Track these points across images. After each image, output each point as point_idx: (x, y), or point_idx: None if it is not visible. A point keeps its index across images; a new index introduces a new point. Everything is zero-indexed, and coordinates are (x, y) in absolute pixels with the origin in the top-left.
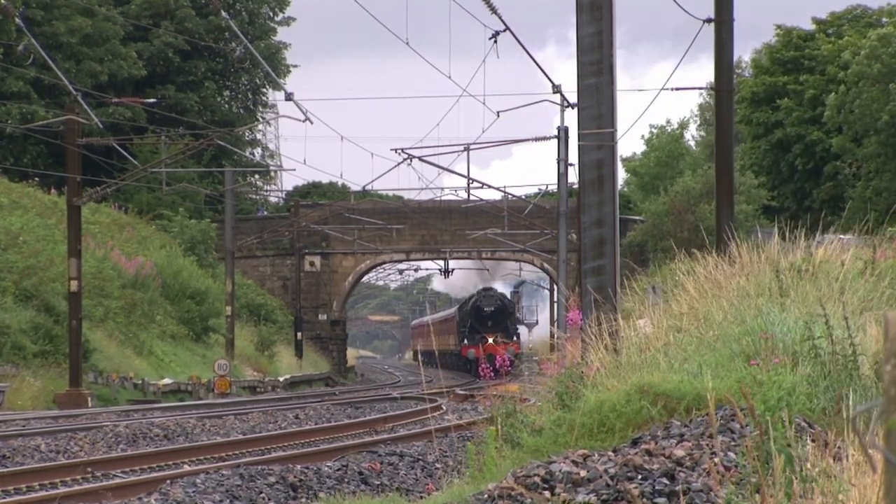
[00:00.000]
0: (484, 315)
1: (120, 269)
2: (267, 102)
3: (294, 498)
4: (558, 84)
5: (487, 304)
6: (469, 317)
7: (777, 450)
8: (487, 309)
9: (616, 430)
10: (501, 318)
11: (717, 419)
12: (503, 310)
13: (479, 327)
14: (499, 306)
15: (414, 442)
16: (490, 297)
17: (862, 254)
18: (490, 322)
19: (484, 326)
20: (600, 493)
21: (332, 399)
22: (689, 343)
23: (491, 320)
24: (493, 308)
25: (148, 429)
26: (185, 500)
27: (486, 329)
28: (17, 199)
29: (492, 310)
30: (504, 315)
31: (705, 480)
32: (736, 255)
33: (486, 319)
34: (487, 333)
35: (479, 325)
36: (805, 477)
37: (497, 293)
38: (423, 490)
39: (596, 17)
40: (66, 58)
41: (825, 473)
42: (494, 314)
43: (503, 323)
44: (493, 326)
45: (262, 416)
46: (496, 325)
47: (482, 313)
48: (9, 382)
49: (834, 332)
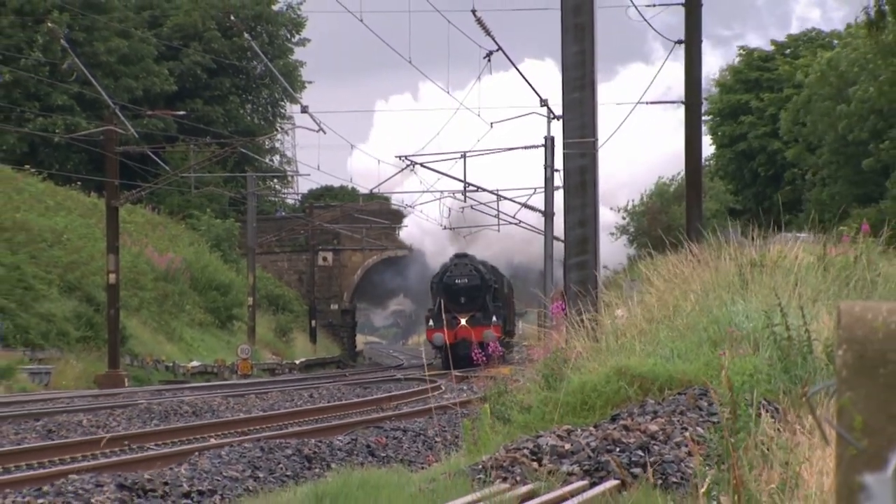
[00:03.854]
0: (455, 289)
1: (153, 263)
2: (284, 114)
3: (309, 468)
4: (545, 98)
5: (460, 275)
6: (437, 292)
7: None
8: (460, 282)
9: (597, 408)
10: (478, 294)
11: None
12: (480, 283)
13: (450, 305)
14: (474, 278)
15: (416, 418)
16: (464, 267)
17: (815, 250)
18: (463, 298)
19: (455, 304)
20: (583, 464)
21: (342, 380)
22: (661, 331)
23: (465, 296)
24: (468, 281)
25: (178, 406)
26: (211, 470)
27: (458, 307)
28: (62, 202)
29: (465, 283)
30: (482, 290)
31: (676, 452)
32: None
33: (459, 295)
34: (460, 313)
35: (450, 302)
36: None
37: (473, 262)
38: (424, 462)
39: (579, 38)
40: (105, 75)
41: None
42: (469, 289)
43: (480, 299)
44: (468, 304)
45: (280, 395)
46: (471, 302)
47: (453, 288)
48: (54, 365)
49: (790, 320)
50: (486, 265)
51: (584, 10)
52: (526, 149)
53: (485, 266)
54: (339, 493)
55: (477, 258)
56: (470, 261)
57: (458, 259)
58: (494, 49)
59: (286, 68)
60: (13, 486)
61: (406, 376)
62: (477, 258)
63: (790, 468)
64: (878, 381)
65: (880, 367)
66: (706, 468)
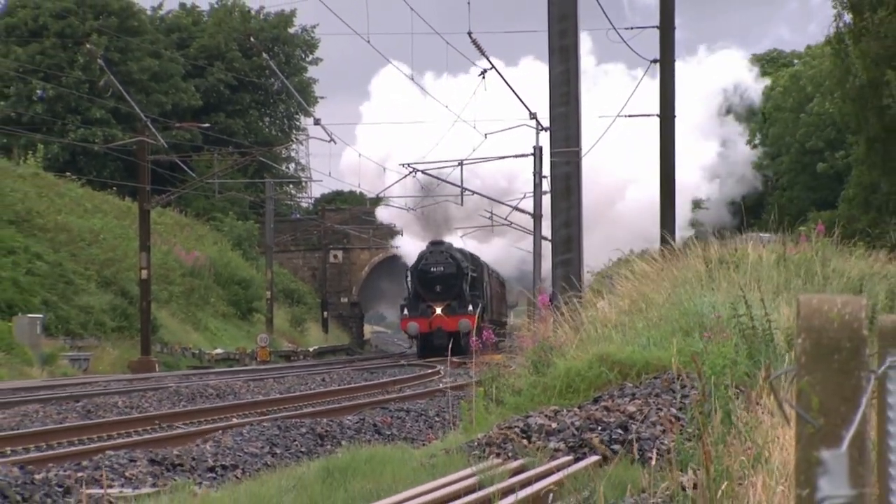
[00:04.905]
0: (431, 278)
1: (181, 261)
2: (299, 126)
3: (321, 445)
4: (534, 112)
5: (436, 263)
6: (413, 281)
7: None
8: (436, 270)
9: (580, 391)
10: (455, 282)
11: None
12: (456, 271)
13: (425, 294)
14: (450, 266)
15: (418, 400)
16: (440, 255)
17: (776, 249)
18: (439, 287)
19: (431, 293)
20: (568, 441)
21: (351, 365)
22: (638, 321)
23: (440, 285)
24: (444, 269)
25: (204, 389)
26: (233, 446)
27: (433, 296)
28: (99, 205)
29: (441, 271)
30: (458, 278)
31: (652, 430)
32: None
33: (434, 283)
34: (435, 302)
35: (426, 290)
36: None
37: (450, 249)
38: (425, 439)
39: (564, 59)
40: (138, 91)
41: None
42: (445, 277)
43: (456, 288)
44: (444, 293)
45: (295, 379)
46: (447, 290)
47: (429, 276)
48: (92, 352)
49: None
50: (465, 253)
51: (569, 33)
52: (517, 157)
53: (462, 254)
54: (348, 467)
55: (454, 246)
56: (446, 248)
57: (434, 246)
58: (489, 67)
59: (301, 85)
60: (56, 460)
61: (409, 362)
62: (454, 246)
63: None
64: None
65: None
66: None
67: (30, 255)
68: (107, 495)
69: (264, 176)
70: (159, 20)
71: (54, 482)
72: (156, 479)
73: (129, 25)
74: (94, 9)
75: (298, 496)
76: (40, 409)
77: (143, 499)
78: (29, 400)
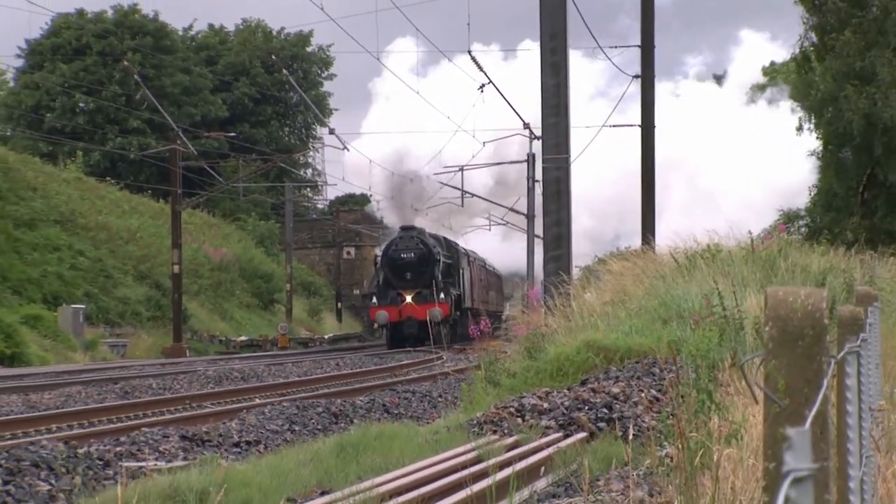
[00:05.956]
0: (400, 264)
1: (209, 257)
2: (315, 135)
3: (335, 423)
4: (528, 122)
5: (406, 249)
6: (382, 267)
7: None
8: (406, 256)
9: (569, 374)
10: (425, 269)
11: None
12: (428, 257)
13: (395, 281)
14: (421, 252)
15: (423, 382)
16: (410, 240)
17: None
18: (409, 274)
19: (400, 280)
20: (558, 419)
21: (362, 351)
22: (620, 311)
23: (411, 271)
24: (414, 255)
25: (230, 372)
26: (256, 424)
27: (403, 283)
28: (135, 207)
29: (411, 257)
30: (429, 264)
31: (634, 410)
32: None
33: (404, 270)
34: (405, 290)
35: (395, 277)
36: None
37: (421, 234)
38: (430, 418)
39: (555, 73)
40: (170, 103)
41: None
42: (416, 263)
43: (427, 275)
44: (414, 280)
45: (312, 363)
46: (417, 277)
47: (398, 262)
48: (129, 339)
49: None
50: (439, 238)
51: (559, 50)
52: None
53: (436, 239)
54: (359, 443)
55: (427, 231)
56: (417, 233)
57: (405, 231)
58: (486, 82)
59: (317, 98)
60: (96, 437)
61: (415, 348)
62: (427, 231)
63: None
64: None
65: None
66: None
67: (73, 252)
68: (143, 468)
69: (284, 180)
70: (190, 39)
71: (95, 456)
72: (186, 453)
73: (162, 44)
74: (131, 29)
75: (315, 469)
76: (82, 390)
77: (175, 471)
78: (72, 382)
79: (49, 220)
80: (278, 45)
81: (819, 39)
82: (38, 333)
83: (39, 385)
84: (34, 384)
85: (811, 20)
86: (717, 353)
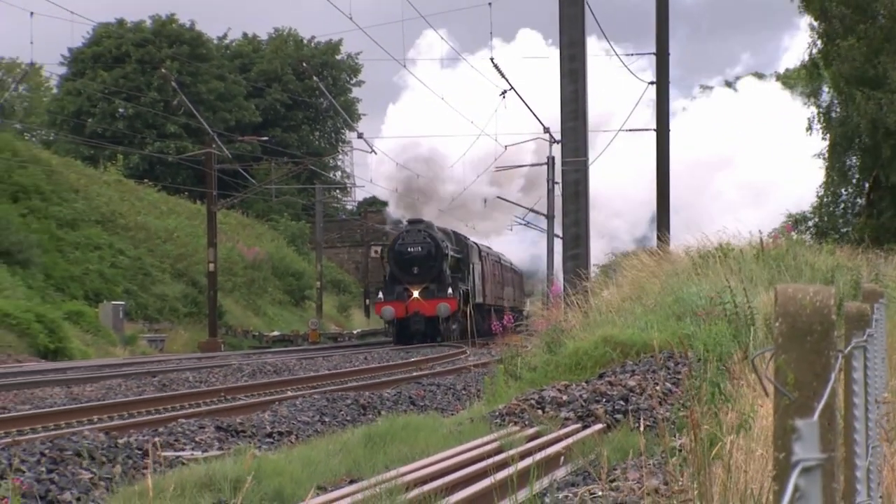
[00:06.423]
0: (408, 258)
1: (243, 255)
2: (344, 139)
3: (364, 415)
4: (548, 126)
5: (413, 243)
6: (389, 262)
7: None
8: (412, 250)
9: (588, 368)
10: (433, 263)
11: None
12: (435, 252)
13: (402, 276)
14: (429, 246)
15: (447, 376)
16: (417, 234)
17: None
18: (416, 269)
19: (407, 274)
20: (577, 411)
21: (389, 346)
22: (636, 308)
23: (418, 266)
24: (421, 249)
25: (262, 366)
26: (288, 415)
27: (410, 278)
28: (173, 208)
29: (418, 251)
30: (437, 259)
31: (649, 402)
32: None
33: (411, 265)
34: (412, 285)
35: (402, 272)
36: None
37: (429, 228)
38: (454, 409)
39: (573, 80)
40: (206, 109)
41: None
42: (423, 257)
43: (435, 269)
44: (421, 275)
45: (341, 357)
46: (425, 272)
47: (405, 256)
48: (167, 334)
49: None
50: (448, 232)
51: (578, 58)
52: (533, 166)
53: (444, 233)
54: (387, 433)
55: (435, 224)
56: (425, 227)
57: (412, 225)
58: (508, 88)
59: (346, 104)
60: (136, 427)
61: (439, 343)
62: (435, 224)
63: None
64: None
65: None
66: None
67: (113, 251)
68: (179, 457)
69: (314, 182)
70: (225, 48)
71: (134, 446)
72: (221, 443)
73: (198, 52)
74: (168, 38)
75: (344, 458)
76: (122, 383)
77: (210, 460)
78: (113, 375)
79: (90, 221)
80: (309, 53)
81: (826, 46)
82: (80, 329)
83: (81, 378)
84: (76, 377)
85: (818, 27)
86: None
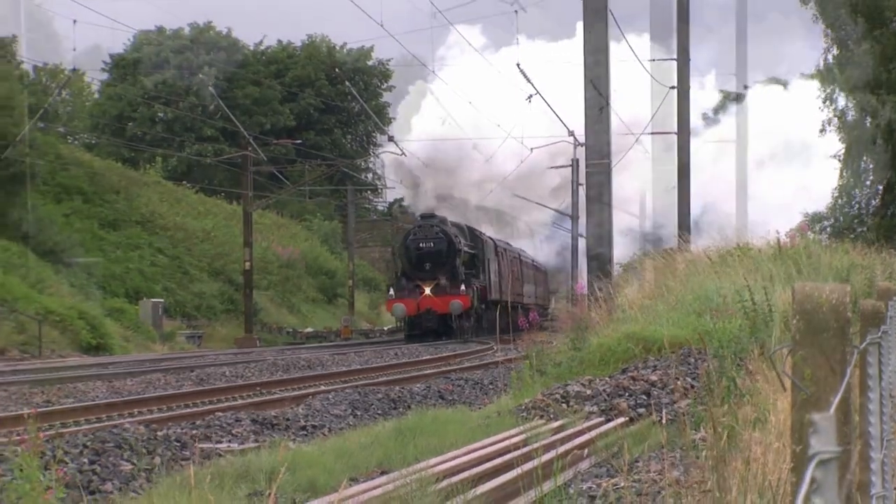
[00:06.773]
0: (419, 254)
1: (277, 255)
2: (376, 142)
3: (394, 408)
4: (572, 130)
5: (425, 238)
6: (400, 257)
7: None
8: (424, 245)
9: (611, 363)
10: (446, 259)
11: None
12: (448, 248)
13: (413, 272)
14: (441, 242)
15: (475, 371)
16: (430, 229)
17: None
18: (428, 264)
19: (419, 271)
20: (600, 405)
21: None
22: (658, 305)
23: (430, 262)
24: (434, 244)
25: (297, 361)
26: (321, 409)
27: (422, 274)
28: (210, 208)
29: (430, 247)
30: (449, 255)
31: (671, 397)
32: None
33: (423, 261)
34: (424, 281)
35: (414, 268)
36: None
37: (442, 223)
38: (481, 403)
39: (597, 85)
40: (242, 113)
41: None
42: (436, 253)
43: (448, 265)
44: (433, 270)
45: (372, 353)
46: (437, 268)
47: (417, 252)
48: (204, 330)
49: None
50: (461, 227)
51: (601, 64)
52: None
53: (458, 228)
54: (416, 427)
55: (448, 219)
56: (438, 222)
57: (425, 220)
58: (533, 93)
59: (377, 108)
60: (174, 420)
61: (467, 339)
62: (448, 219)
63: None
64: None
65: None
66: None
67: (153, 250)
68: (217, 449)
69: (347, 184)
70: (260, 54)
71: (173, 438)
72: (257, 435)
73: (235, 59)
74: (206, 45)
75: (375, 450)
76: (162, 377)
77: (246, 452)
78: (152, 370)
79: (131, 221)
80: (341, 59)
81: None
82: (121, 325)
83: (122, 373)
84: (117, 372)
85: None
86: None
